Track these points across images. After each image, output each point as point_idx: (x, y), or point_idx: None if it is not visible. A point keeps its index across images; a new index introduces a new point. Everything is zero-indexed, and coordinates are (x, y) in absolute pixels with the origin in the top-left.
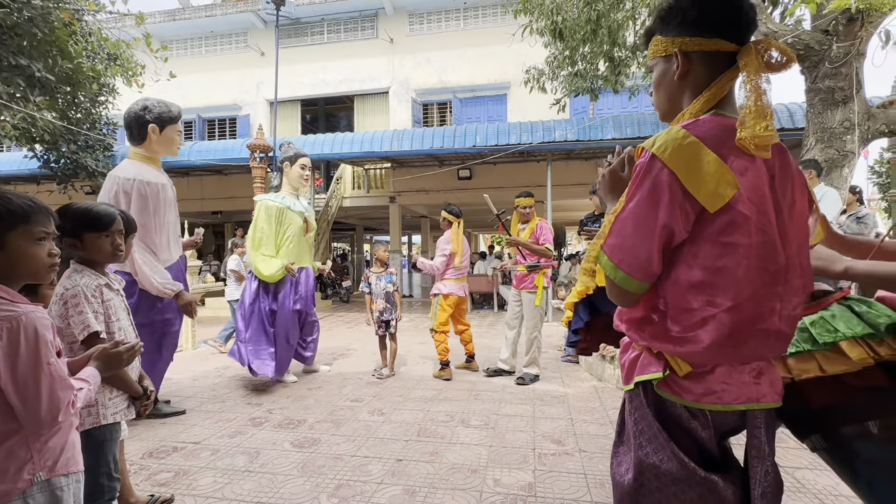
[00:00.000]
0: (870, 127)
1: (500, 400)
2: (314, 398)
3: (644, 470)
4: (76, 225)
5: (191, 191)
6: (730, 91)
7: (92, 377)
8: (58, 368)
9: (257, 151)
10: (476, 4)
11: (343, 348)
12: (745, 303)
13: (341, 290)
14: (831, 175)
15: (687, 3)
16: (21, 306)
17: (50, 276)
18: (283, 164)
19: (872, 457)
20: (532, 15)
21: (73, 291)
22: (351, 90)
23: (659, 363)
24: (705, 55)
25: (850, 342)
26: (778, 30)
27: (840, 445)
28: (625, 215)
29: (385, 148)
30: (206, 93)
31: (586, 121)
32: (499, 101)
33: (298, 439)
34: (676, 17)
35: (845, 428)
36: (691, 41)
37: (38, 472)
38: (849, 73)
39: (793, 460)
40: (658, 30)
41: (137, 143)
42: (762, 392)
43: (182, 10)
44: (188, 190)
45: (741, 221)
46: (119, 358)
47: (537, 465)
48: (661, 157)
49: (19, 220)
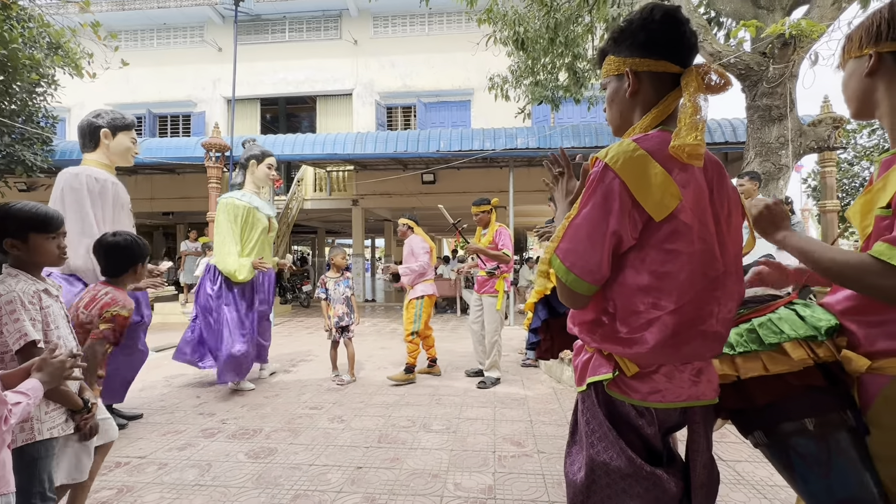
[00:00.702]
0: (801, 143)
1: (461, 404)
2: (271, 406)
3: (595, 467)
4: (21, 225)
5: (139, 190)
6: (675, 109)
7: (33, 390)
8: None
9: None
10: (441, 11)
11: (303, 354)
12: (686, 306)
13: (301, 294)
14: (769, 187)
15: (637, 26)
16: None
17: None
18: (249, 162)
19: (807, 452)
20: (495, 25)
21: (7, 297)
22: (313, 90)
23: (609, 365)
24: (653, 75)
25: (793, 343)
26: (722, 50)
27: (779, 441)
28: (578, 221)
29: (348, 150)
30: (157, 87)
31: (547, 129)
32: (463, 106)
33: (254, 450)
34: (628, 38)
35: (785, 424)
36: (641, 62)
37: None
38: (783, 92)
39: (734, 454)
40: (611, 50)
41: (91, 150)
42: (701, 391)
43: (132, 0)
44: (137, 189)
45: (683, 230)
46: (63, 367)
47: (497, 468)
48: (613, 167)
49: None
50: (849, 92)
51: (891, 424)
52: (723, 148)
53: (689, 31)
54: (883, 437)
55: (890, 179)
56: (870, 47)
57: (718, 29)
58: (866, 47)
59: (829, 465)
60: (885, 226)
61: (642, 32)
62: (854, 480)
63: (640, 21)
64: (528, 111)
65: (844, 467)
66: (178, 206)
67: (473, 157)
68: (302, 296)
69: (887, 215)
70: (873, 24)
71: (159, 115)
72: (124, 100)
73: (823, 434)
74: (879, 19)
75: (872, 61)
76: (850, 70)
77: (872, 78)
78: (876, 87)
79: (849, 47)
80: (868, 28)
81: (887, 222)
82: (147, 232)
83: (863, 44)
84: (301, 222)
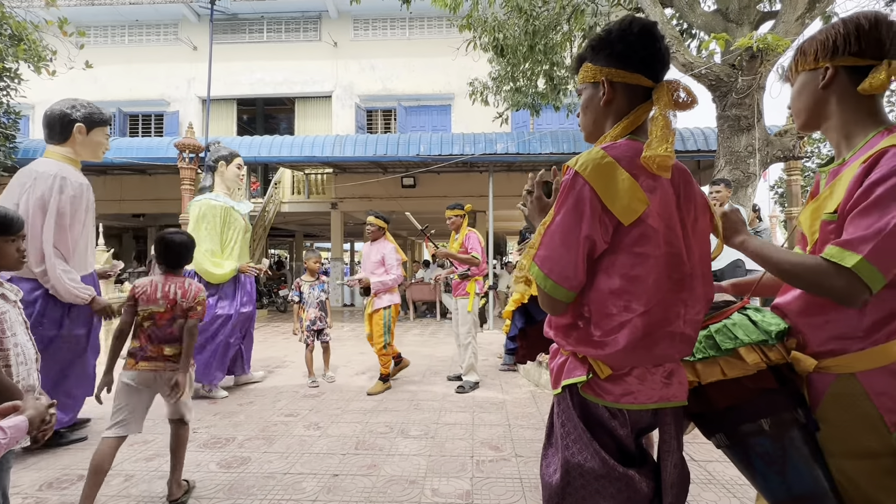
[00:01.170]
0: (768, 152)
1: (440, 409)
2: (245, 414)
3: (570, 469)
4: None
5: (108, 191)
6: (645, 121)
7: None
8: None
9: (186, 151)
10: (422, 15)
11: (279, 359)
12: (655, 308)
13: (278, 298)
14: (738, 194)
15: (615, 38)
16: None
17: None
18: (218, 163)
19: (765, 451)
20: (476, 31)
21: None
22: (292, 92)
23: (583, 368)
24: (627, 87)
25: (747, 348)
26: (694, 61)
27: (739, 442)
28: (553, 228)
29: (327, 153)
30: (128, 85)
31: (526, 135)
32: (443, 111)
33: (226, 459)
34: (606, 48)
35: (743, 426)
36: (616, 72)
37: None
38: (752, 103)
39: (705, 454)
40: (588, 57)
41: (59, 143)
42: (672, 392)
43: None
44: (105, 190)
45: (651, 234)
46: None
47: (475, 473)
48: (582, 174)
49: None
50: (800, 103)
51: (838, 420)
52: (695, 156)
53: (663, 48)
54: (832, 433)
55: (836, 188)
56: (825, 61)
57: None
58: (822, 60)
59: (785, 462)
60: (831, 229)
61: (620, 44)
62: (808, 476)
63: (619, 33)
64: (507, 117)
65: (799, 464)
66: (149, 208)
67: (453, 161)
68: (278, 300)
69: (833, 220)
70: (829, 38)
71: (130, 113)
72: (92, 97)
73: (779, 433)
74: (835, 34)
75: (829, 74)
76: (803, 82)
77: (826, 91)
78: (829, 100)
79: (802, 60)
80: (824, 42)
81: (833, 226)
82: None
83: (818, 57)
84: (278, 225)
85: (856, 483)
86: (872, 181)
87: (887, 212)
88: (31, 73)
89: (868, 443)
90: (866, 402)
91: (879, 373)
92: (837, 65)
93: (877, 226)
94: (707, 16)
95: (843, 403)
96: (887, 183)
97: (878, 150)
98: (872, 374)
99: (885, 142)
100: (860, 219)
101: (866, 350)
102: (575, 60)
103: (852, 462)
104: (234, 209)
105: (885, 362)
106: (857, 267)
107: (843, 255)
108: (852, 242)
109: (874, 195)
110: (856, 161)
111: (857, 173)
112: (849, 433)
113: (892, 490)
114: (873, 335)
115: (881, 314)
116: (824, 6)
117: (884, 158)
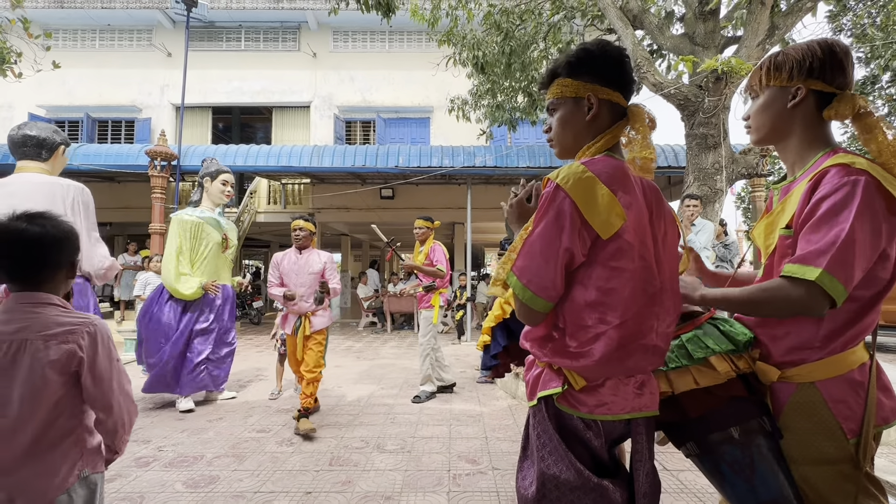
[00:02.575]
0: (734, 169)
1: (416, 422)
2: (214, 430)
3: (546, 481)
4: None
5: None
6: (619, 140)
7: None
8: (122, 364)
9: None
10: (402, 29)
11: (251, 373)
12: (629, 321)
13: (252, 311)
14: (706, 209)
15: (598, 57)
16: (89, 315)
17: None
18: (204, 179)
19: (734, 459)
20: (456, 47)
21: None
22: (270, 101)
23: (559, 379)
24: (610, 104)
25: (717, 357)
26: (663, 81)
27: (709, 451)
28: (532, 239)
29: (305, 163)
30: (98, 90)
31: (504, 149)
32: (422, 123)
33: (193, 478)
34: (587, 66)
35: (713, 434)
36: (602, 90)
37: (84, 468)
38: (718, 122)
39: (677, 464)
40: (565, 73)
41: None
42: (644, 402)
43: None
44: None
45: (627, 248)
46: None
47: (452, 487)
48: (564, 187)
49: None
50: (765, 118)
51: (800, 428)
52: (666, 172)
53: (633, 72)
54: (794, 440)
55: (788, 203)
56: (799, 80)
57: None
58: (796, 79)
59: (753, 470)
60: (788, 244)
61: (602, 63)
62: (774, 483)
63: (600, 52)
64: (490, 133)
65: (765, 471)
66: (117, 217)
67: (432, 173)
68: (252, 312)
69: (790, 235)
70: (806, 59)
71: (99, 119)
72: (59, 102)
73: (747, 441)
74: (812, 56)
75: (801, 95)
76: (772, 97)
77: (794, 110)
78: (793, 119)
79: (775, 75)
80: (800, 62)
81: (790, 241)
82: None
83: (793, 75)
84: (253, 235)
85: (816, 488)
86: (818, 198)
87: (834, 225)
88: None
89: (827, 449)
90: (825, 411)
91: (837, 382)
92: (810, 87)
93: (827, 238)
94: (675, 38)
95: (803, 412)
96: (831, 199)
97: (821, 170)
98: (830, 383)
99: (829, 161)
100: (810, 233)
101: (824, 359)
102: (547, 75)
103: (813, 468)
104: (206, 224)
105: (841, 371)
106: (819, 279)
107: (804, 269)
108: (807, 257)
109: (821, 211)
110: (804, 179)
111: (804, 190)
112: (809, 440)
113: (849, 494)
114: (829, 345)
115: (836, 324)
116: (783, 33)
117: (826, 177)
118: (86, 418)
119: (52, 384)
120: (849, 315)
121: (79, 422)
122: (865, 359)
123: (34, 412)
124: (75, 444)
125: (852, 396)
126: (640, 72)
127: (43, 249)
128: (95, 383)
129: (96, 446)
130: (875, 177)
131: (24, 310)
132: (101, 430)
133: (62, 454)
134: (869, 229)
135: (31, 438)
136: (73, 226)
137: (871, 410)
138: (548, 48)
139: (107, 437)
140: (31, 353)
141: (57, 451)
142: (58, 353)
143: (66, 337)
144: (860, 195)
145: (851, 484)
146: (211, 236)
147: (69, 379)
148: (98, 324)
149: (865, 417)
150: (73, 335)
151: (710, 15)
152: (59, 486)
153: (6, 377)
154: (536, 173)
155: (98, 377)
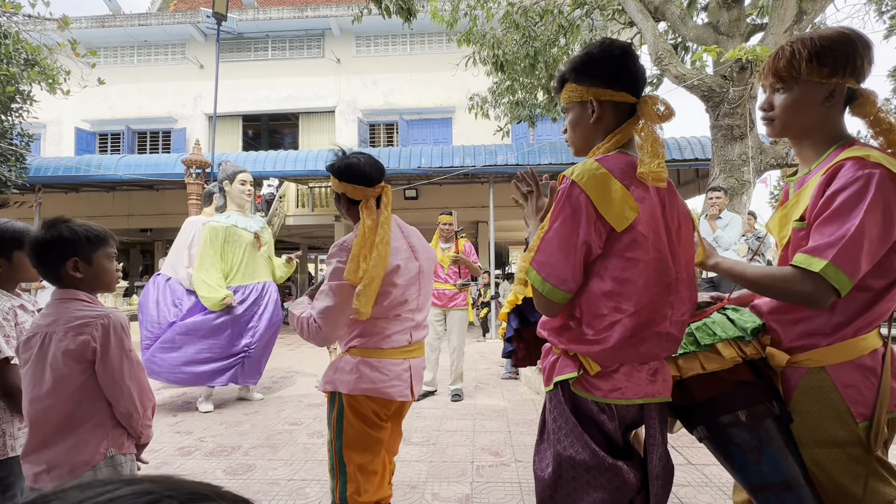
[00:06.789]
0: (762, 160)
1: (441, 416)
2: (250, 423)
3: (562, 462)
4: (7, 242)
5: (117, 207)
6: (632, 135)
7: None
8: (136, 354)
9: (194, 167)
10: (422, 31)
11: (283, 370)
12: (643, 309)
13: (283, 311)
14: (733, 202)
15: (599, 59)
16: (106, 308)
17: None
18: (224, 183)
19: (742, 441)
20: (475, 46)
21: None
22: (296, 108)
23: (574, 365)
24: (614, 104)
25: (724, 343)
26: (686, 73)
27: (719, 433)
28: (550, 234)
29: None
30: (137, 104)
31: (526, 146)
32: (444, 123)
33: (231, 466)
34: (589, 69)
35: (722, 417)
36: (604, 92)
37: (110, 448)
38: (743, 113)
39: (703, 458)
40: (571, 78)
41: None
42: (657, 389)
43: (112, 18)
44: (114, 206)
45: (641, 240)
46: None
47: (475, 477)
48: (579, 183)
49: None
50: (798, 115)
51: (810, 411)
52: (692, 164)
53: (641, 67)
54: (803, 424)
55: (803, 195)
56: (837, 78)
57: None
58: (834, 77)
59: (761, 451)
60: (801, 236)
61: (604, 65)
62: (782, 464)
63: (601, 55)
64: (508, 129)
65: (773, 453)
66: (156, 223)
67: (455, 173)
68: (283, 312)
69: (803, 227)
70: (850, 56)
71: (138, 131)
72: (102, 115)
73: (754, 424)
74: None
75: (837, 93)
76: (807, 92)
77: (824, 107)
78: (823, 115)
79: (817, 70)
80: (845, 59)
81: (803, 233)
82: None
83: (832, 73)
84: (283, 238)
85: (826, 470)
86: (833, 191)
87: (848, 219)
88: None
89: (836, 432)
90: (835, 395)
91: (847, 367)
92: (847, 84)
93: (839, 232)
94: (699, 29)
95: (813, 396)
96: (846, 192)
97: (836, 163)
98: (840, 367)
99: (843, 154)
100: (824, 226)
101: (834, 345)
102: (557, 81)
103: (822, 451)
104: (235, 227)
105: (851, 357)
106: (824, 271)
107: (811, 261)
108: (818, 249)
109: (835, 204)
110: (819, 172)
111: (819, 183)
112: (819, 424)
113: (859, 476)
114: (840, 331)
115: (849, 312)
116: (811, 18)
117: (842, 170)
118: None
119: (73, 370)
120: (862, 303)
121: (101, 406)
122: (878, 345)
123: (61, 395)
124: (100, 425)
125: (863, 381)
126: (661, 64)
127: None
128: (106, 371)
129: (122, 429)
130: (890, 169)
131: (56, 305)
132: (117, 415)
133: (88, 433)
134: (881, 221)
135: (62, 418)
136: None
137: (885, 397)
138: (569, 45)
139: (123, 420)
140: (56, 342)
141: (83, 431)
142: (74, 343)
143: (81, 329)
144: (874, 189)
145: (861, 466)
146: (242, 237)
147: (88, 367)
148: (113, 317)
149: (878, 403)
150: (87, 327)
151: (735, 3)
152: (87, 462)
153: (41, 363)
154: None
155: (109, 366)
